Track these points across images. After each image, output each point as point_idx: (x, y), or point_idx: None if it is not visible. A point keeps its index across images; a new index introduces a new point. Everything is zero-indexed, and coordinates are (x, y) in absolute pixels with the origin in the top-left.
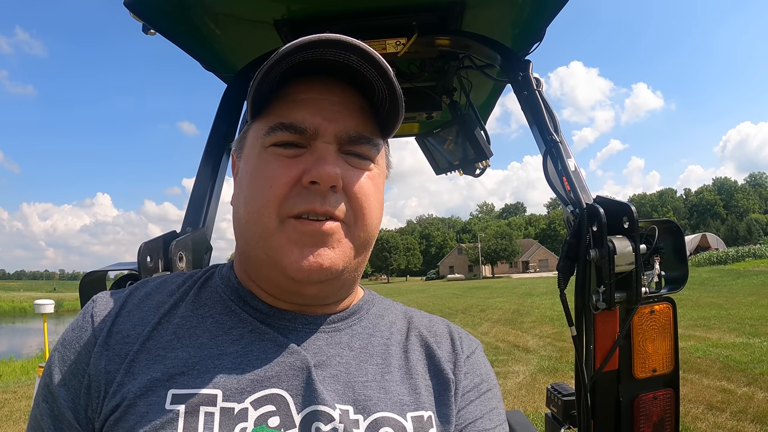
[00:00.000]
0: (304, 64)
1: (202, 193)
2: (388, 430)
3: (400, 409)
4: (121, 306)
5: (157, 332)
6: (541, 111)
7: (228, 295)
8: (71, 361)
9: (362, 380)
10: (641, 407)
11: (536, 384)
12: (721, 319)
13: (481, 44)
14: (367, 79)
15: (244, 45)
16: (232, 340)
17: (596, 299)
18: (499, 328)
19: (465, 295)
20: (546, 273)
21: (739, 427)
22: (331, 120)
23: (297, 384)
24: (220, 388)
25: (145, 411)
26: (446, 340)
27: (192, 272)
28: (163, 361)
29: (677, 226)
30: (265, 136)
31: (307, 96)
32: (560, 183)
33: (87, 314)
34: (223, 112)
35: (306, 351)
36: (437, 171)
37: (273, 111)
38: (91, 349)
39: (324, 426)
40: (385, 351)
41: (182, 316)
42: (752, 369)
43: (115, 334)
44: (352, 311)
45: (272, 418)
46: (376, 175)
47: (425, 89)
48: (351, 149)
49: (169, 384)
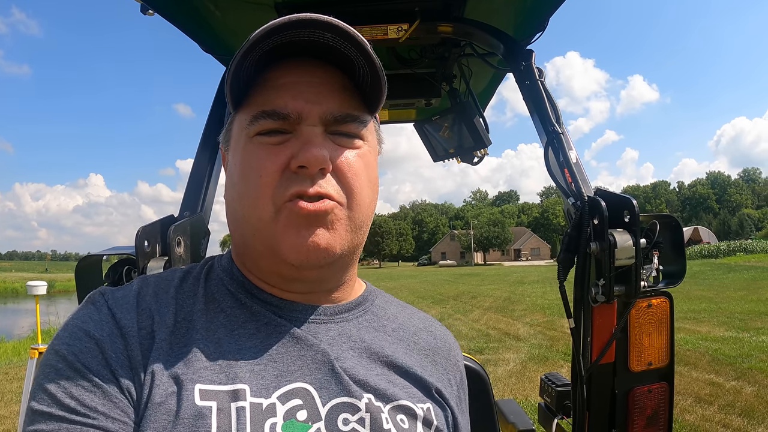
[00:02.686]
0: (279, 47)
1: (200, 176)
2: (403, 417)
3: (410, 397)
4: (137, 302)
5: (176, 328)
6: (543, 101)
7: (235, 288)
8: (97, 356)
9: (374, 373)
10: (636, 400)
11: (526, 372)
12: (711, 312)
13: (484, 32)
14: (346, 56)
15: (244, 27)
16: (249, 334)
17: (595, 292)
18: (490, 315)
19: (456, 282)
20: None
21: (726, 420)
22: (314, 102)
23: (320, 377)
24: (246, 384)
25: (176, 408)
26: (441, 341)
27: (189, 266)
28: (186, 357)
29: (676, 221)
30: (249, 126)
31: (286, 80)
32: (561, 174)
33: (103, 307)
34: (222, 95)
35: (323, 343)
36: (435, 158)
37: (253, 100)
38: (117, 342)
39: (351, 416)
40: (390, 344)
41: (197, 311)
42: (741, 363)
43: (138, 330)
44: (358, 302)
45: (300, 411)
46: (366, 153)
47: (425, 76)
48: (338, 129)
49: (196, 379)
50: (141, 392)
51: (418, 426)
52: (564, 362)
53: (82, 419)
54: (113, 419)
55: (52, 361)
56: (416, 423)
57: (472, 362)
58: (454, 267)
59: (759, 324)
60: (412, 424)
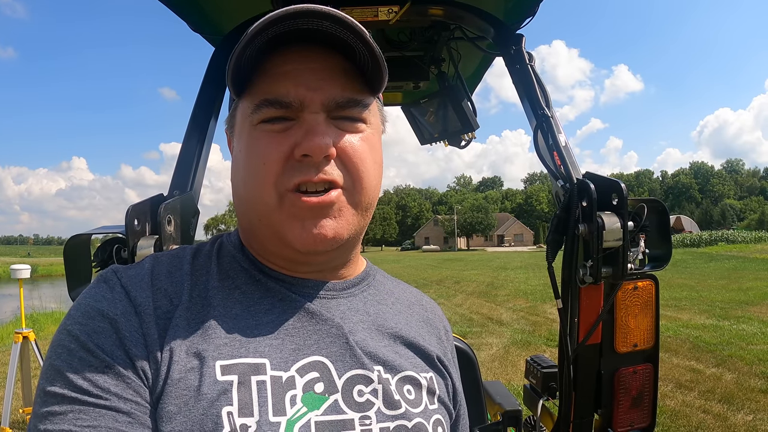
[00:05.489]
0: (279, 36)
1: (189, 156)
2: (410, 388)
3: (414, 367)
4: (151, 280)
5: (191, 304)
6: (533, 85)
7: (247, 265)
8: (111, 336)
9: (382, 344)
10: (621, 380)
11: (509, 356)
12: (692, 300)
13: (475, 16)
14: (346, 41)
15: (233, 6)
16: (265, 310)
17: (583, 273)
18: (473, 300)
19: (440, 267)
20: (521, 247)
21: (707, 406)
22: (315, 89)
23: (335, 350)
24: (267, 357)
25: (197, 384)
26: (432, 313)
27: (198, 244)
28: (205, 333)
29: (663, 205)
30: (252, 114)
31: (287, 68)
32: (550, 157)
33: (116, 285)
34: (211, 75)
35: (336, 317)
36: (422, 141)
37: (256, 87)
38: (132, 320)
39: (365, 388)
40: (393, 316)
41: (212, 288)
42: (721, 351)
43: (154, 308)
44: (362, 278)
45: (317, 384)
46: (370, 136)
47: (413, 59)
48: (340, 114)
49: (216, 355)
50: (158, 370)
51: (423, 395)
52: (546, 347)
53: (95, 400)
54: (126, 400)
55: (65, 342)
56: (422, 392)
57: (461, 342)
58: (437, 252)
59: (739, 312)
60: (418, 394)
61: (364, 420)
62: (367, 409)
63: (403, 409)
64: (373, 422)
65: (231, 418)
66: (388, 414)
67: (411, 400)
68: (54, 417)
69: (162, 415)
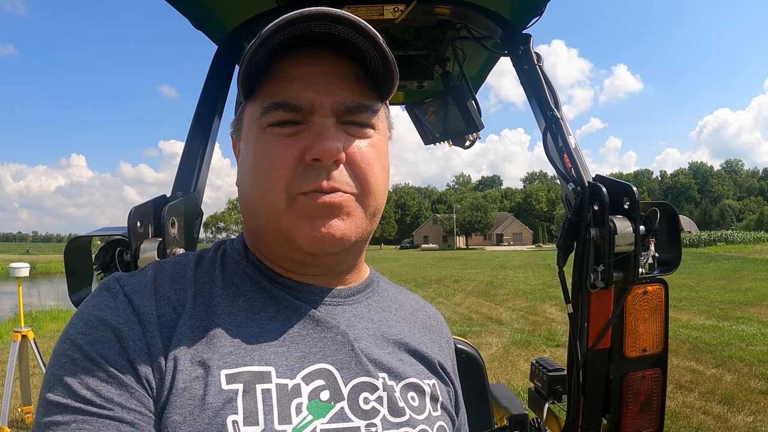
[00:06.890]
0: (289, 39)
1: (192, 156)
2: (414, 395)
3: (417, 374)
4: (154, 288)
5: (195, 312)
6: (542, 86)
7: (252, 272)
8: (114, 345)
9: (386, 352)
10: (630, 385)
11: (509, 356)
12: (691, 300)
13: (481, 15)
14: (357, 46)
15: (237, 3)
16: (270, 318)
17: (594, 278)
18: (472, 299)
19: (439, 266)
20: (520, 246)
21: (707, 407)
22: (326, 93)
23: (341, 358)
24: (272, 365)
25: (202, 393)
26: (434, 320)
27: (200, 251)
28: (209, 342)
29: (673, 209)
30: (261, 117)
31: (297, 71)
32: (560, 160)
33: (119, 294)
34: (214, 74)
35: (341, 324)
36: (426, 141)
37: (265, 90)
38: (135, 328)
39: (371, 395)
40: (396, 323)
41: (216, 295)
42: (721, 351)
43: (158, 317)
44: (366, 284)
45: (323, 392)
46: (378, 141)
47: (418, 58)
48: (350, 119)
49: (221, 364)
50: (162, 379)
51: (426, 402)
52: (546, 347)
53: (98, 410)
54: (129, 410)
55: (68, 351)
56: (425, 399)
57: (467, 346)
58: (436, 251)
59: (739, 313)
60: (422, 401)
61: (370, 428)
62: (372, 416)
63: (407, 416)
64: (378, 430)
65: (236, 427)
66: (393, 421)
67: (415, 407)
68: (57, 427)
69: (167, 425)
